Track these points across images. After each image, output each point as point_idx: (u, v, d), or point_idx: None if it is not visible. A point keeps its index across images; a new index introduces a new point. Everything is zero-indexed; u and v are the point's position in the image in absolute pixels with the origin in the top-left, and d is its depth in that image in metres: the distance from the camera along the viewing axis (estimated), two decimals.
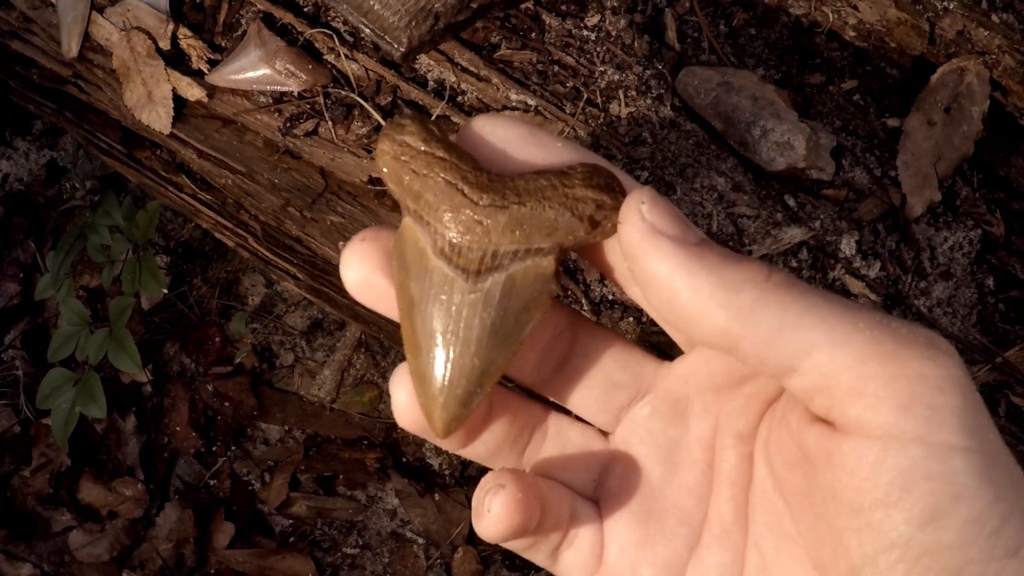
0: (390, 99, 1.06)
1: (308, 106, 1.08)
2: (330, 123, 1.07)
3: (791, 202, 1.06)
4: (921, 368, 0.53)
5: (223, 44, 1.11)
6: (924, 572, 0.54)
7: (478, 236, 0.57)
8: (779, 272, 0.56)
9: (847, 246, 1.07)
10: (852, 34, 1.11)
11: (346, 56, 1.06)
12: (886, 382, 0.53)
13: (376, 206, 1.07)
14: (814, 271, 1.05)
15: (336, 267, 1.13)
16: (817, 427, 0.56)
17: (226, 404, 2.28)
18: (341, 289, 1.15)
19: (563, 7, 1.09)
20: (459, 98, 1.05)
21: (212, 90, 1.10)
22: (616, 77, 1.07)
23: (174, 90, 1.10)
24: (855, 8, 1.10)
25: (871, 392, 0.53)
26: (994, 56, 1.11)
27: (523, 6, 1.07)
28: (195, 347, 2.31)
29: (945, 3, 1.11)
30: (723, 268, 0.55)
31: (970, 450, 0.53)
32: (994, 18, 1.11)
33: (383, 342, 2.21)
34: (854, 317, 0.54)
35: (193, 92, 1.10)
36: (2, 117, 2.43)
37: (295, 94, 1.08)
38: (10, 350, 2.40)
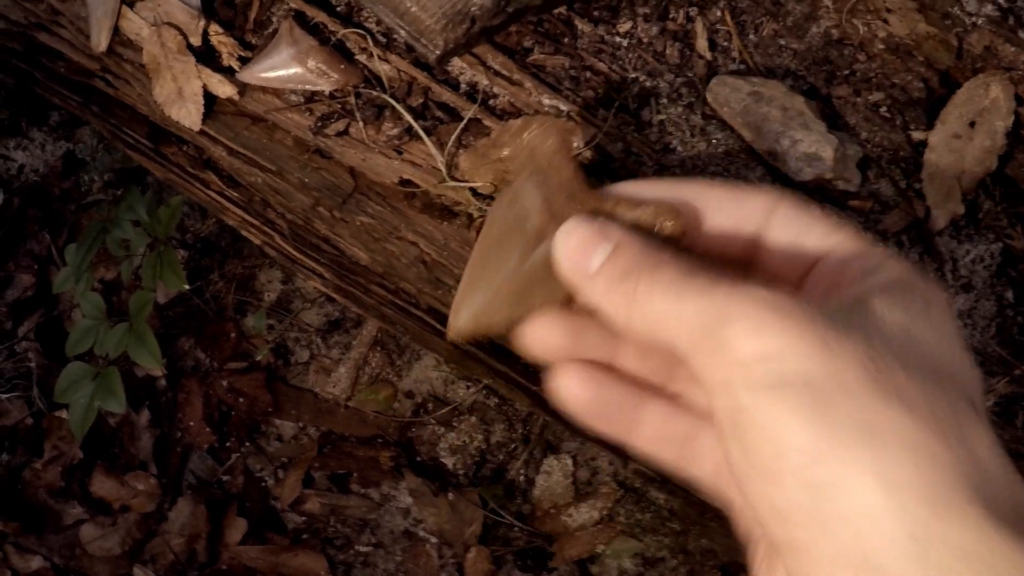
0: (422, 100, 1.06)
1: (339, 106, 1.08)
2: (361, 123, 1.07)
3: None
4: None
5: (254, 41, 1.11)
6: None
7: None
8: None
9: None
10: (881, 47, 1.11)
11: (379, 57, 1.06)
12: None
13: (406, 207, 1.08)
14: None
15: (363, 267, 1.14)
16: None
17: (241, 400, 2.28)
18: (367, 288, 1.16)
19: (596, 13, 1.09)
20: (491, 101, 1.05)
21: (243, 88, 1.10)
22: (648, 84, 1.07)
23: (204, 87, 1.10)
24: (885, 22, 1.10)
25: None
26: (1020, 72, 1.11)
27: (556, 11, 1.08)
28: (210, 342, 2.32)
29: (974, 19, 1.11)
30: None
31: None
32: (1021, 35, 1.11)
33: (399, 341, 2.22)
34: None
35: (224, 89, 1.10)
36: (19, 108, 2.44)
37: (326, 93, 1.08)
38: (23, 342, 2.40)
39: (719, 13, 1.10)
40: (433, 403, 2.27)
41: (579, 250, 0.62)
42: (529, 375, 1.15)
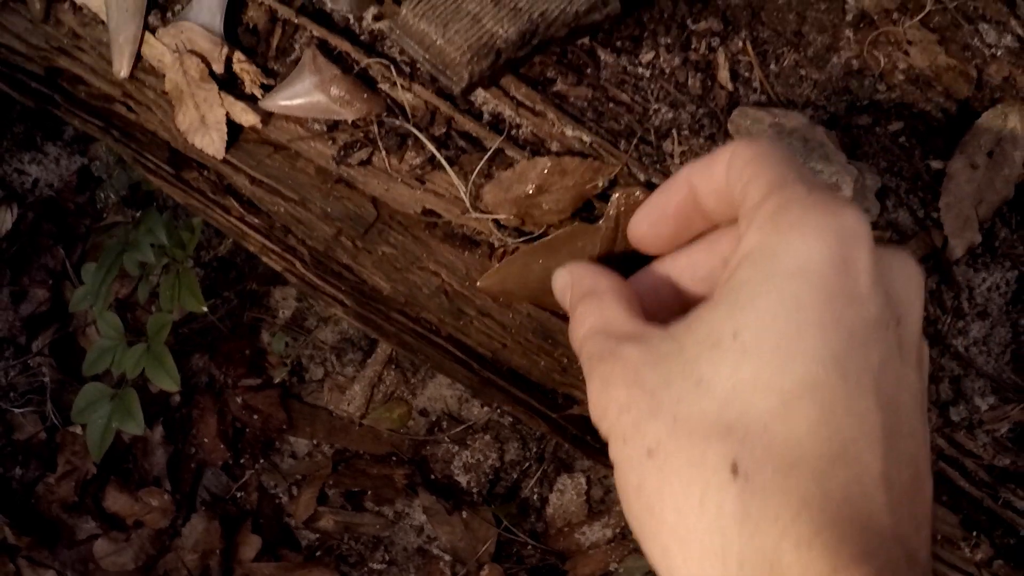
0: (444, 130, 1.06)
1: (362, 135, 1.08)
2: (384, 153, 1.07)
3: None
4: None
5: (276, 68, 1.12)
6: None
7: None
8: None
9: None
10: (901, 78, 1.11)
11: (402, 86, 1.07)
12: None
13: (428, 237, 1.08)
14: None
15: (385, 296, 1.14)
16: None
17: (255, 417, 2.29)
18: (389, 316, 1.16)
19: (619, 43, 1.10)
20: (514, 132, 1.06)
21: (266, 116, 1.10)
22: (670, 115, 1.07)
23: (228, 115, 1.11)
24: (906, 53, 1.11)
25: None
26: None
27: (579, 42, 1.08)
28: (224, 359, 2.32)
29: (993, 50, 1.11)
30: None
31: None
32: None
33: (414, 361, 2.22)
34: None
35: (247, 118, 1.10)
36: (34, 122, 2.45)
37: (349, 122, 1.09)
38: (37, 356, 2.41)
39: (741, 44, 1.11)
40: (447, 421, 2.28)
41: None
42: (548, 403, 1.15)
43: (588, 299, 0.78)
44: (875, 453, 0.58)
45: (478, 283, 1.05)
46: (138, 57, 1.14)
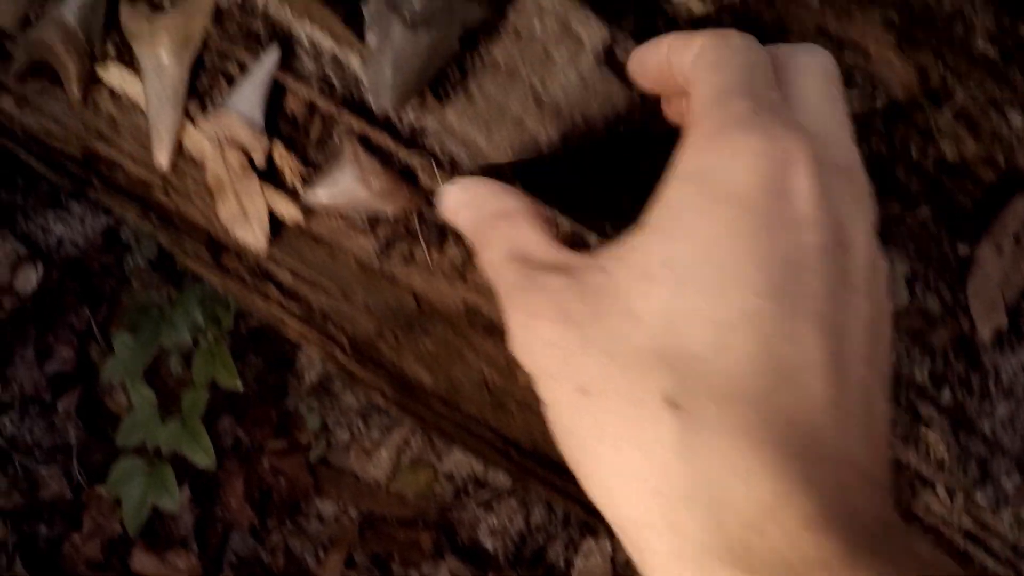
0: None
1: (403, 229, 1.09)
2: (425, 247, 1.08)
3: None
4: None
5: (316, 159, 1.12)
6: None
7: None
8: None
9: (920, 374, 1.09)
10: (930, 165, 1.12)
11: (443, 181, 1.08)
12: None
13: (469, 331, 1.09)
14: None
15: (427, 389, 1.15)
16: None
17: (282, 480, 2.30)
18: (429, 405, 1.17)
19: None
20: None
21: (308, 209, 1.11)
22: None
23: (269, 208, 1.12)
24: (936, 143, 1.12)
25: None
26: None
27: None
28: (252, 423, 2.33)
29: (1021, 137, 1.13)
30: None
31: None
32: None
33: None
34: None
35: (289, 211, 1.11)
36: (56, 182, 2.46)
37: (390, 216, 1.10)
38: (62, 415, 2.41)
39: None
40: (473, 485, 2.28)
41: None
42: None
43: (498, 222, 0.77)
44: (819, 379, 0.58)
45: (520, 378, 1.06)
46: (178, 147, 1.15)
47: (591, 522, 2.22)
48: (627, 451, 0.59)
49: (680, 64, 0.72)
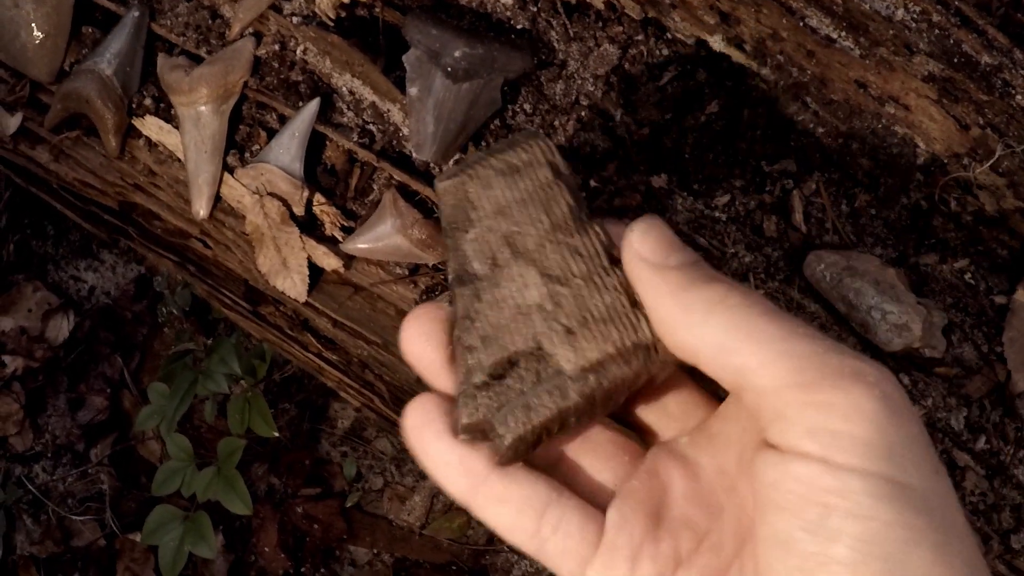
0: None
1: (443, 278, 1.10)
2: None
3: (906, 380, 1.08)
4: (830, 397, 0.55)
5: (355, 209, 1.13)
6: None
7: None
8: (738, 293, 0.59)
9: (956, 422, 1.09)
10: (969, 219, 1.13)
11: None
12: (799, 408, 0.56)
13: None
14: None
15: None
16: (762, 451, 0.59)
17: (315, 526, 2.30)
18: None
19: (695, 186, 1.11)
20: None
21: (347, 259, 1.12)
22: (747, 259, 1.09)
23: (309, 258, 1.12)
24: (975, 197, 1.12)
25: (786, 417, 0.56)
26: None
27: (656, 185, 1.09)
28: (285, 469, 2.33)
29: None
30: (687, 289, 0.60)
31: (874, 475, 0.54)
32: None
33: None
34: (792, 344, 0.57)
35: (329, 262, 1.11)
36: (86, 230, 2.47)
37: (430, 266, 1.10)
38: (96, 465, 2.42)
39: (814, 186, 1.12)
40: None
41: (660, 242, 0.62)
42: None
43: None
44: None
45: None
46: (217, 197, 1.15)
47: None
48: None
49: None
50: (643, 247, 0.61)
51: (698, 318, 0.59)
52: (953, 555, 0.54)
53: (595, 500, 0.67)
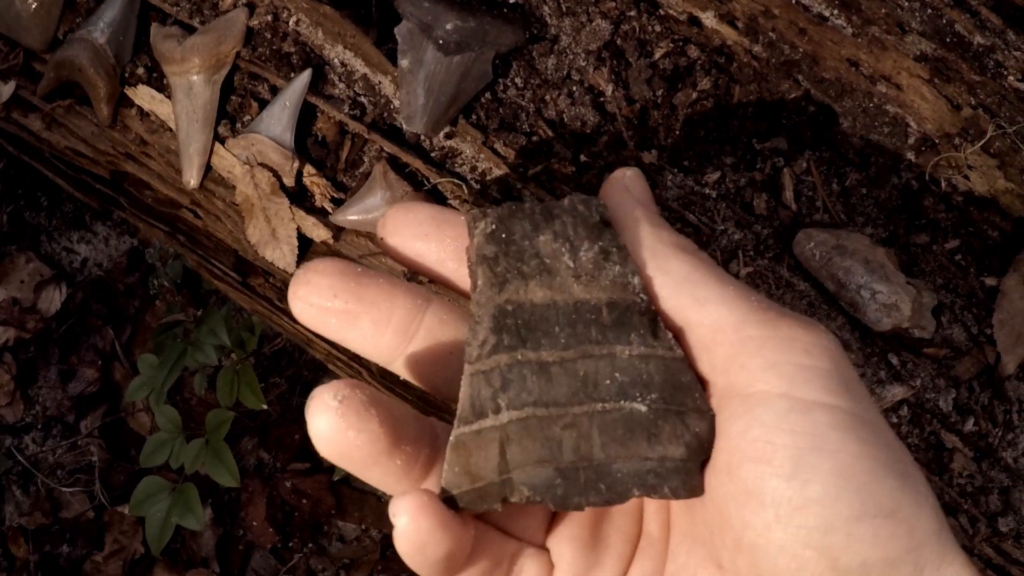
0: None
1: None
2: None
3: (894, 360, 1.08)
4: (792, 332, 0.56)
5: (345, 181, 1.13)
6: (797, 531, 0.55)
7: None
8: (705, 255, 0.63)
9: (944, 403, 1.09)
10: (959, 199, 1.12)
11: (474, 204, 1.08)
12: (760, 342, 0.57)
13: None
14: (912, 427, 1.07)
15: (450, 407, 1.15)
16: (724, 405, 0.60)
17: (304, 501, 2.30)
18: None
19: (685, 163, 1.11)
20: None
21: (337, 231, 1.12)
22: (736, 236, 1.09)
23: (299, 229, 1.12)
24: (966, 177, 1.12)
25: (747, 351, 0.57)
26: None
27: (647, 161, 1.09)
28: (274, 443, 2.33)
29: None
30: (664, 227, 0.65)
31: (835, 407, 0.55)
32: None
33: None
34: (749, 293, 0.60)
35: (318, 233, 1.11)
36: (83, 201, 2.47)
37: None
38: (85, 436, 2.42)
39: (805, 164, 1.12)
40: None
41: (646, 189, 0.67)
42: None
43: None
44: None
45: None
46: (208, 167, 1.15)
47: None
48: None
49: None
50: (634, 185, 0.66)
51: (670, 251, 0.62)
52: (915, 482, 0.55)
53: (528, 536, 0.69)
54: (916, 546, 0.55)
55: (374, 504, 2.29)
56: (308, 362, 2.32)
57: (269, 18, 1.12)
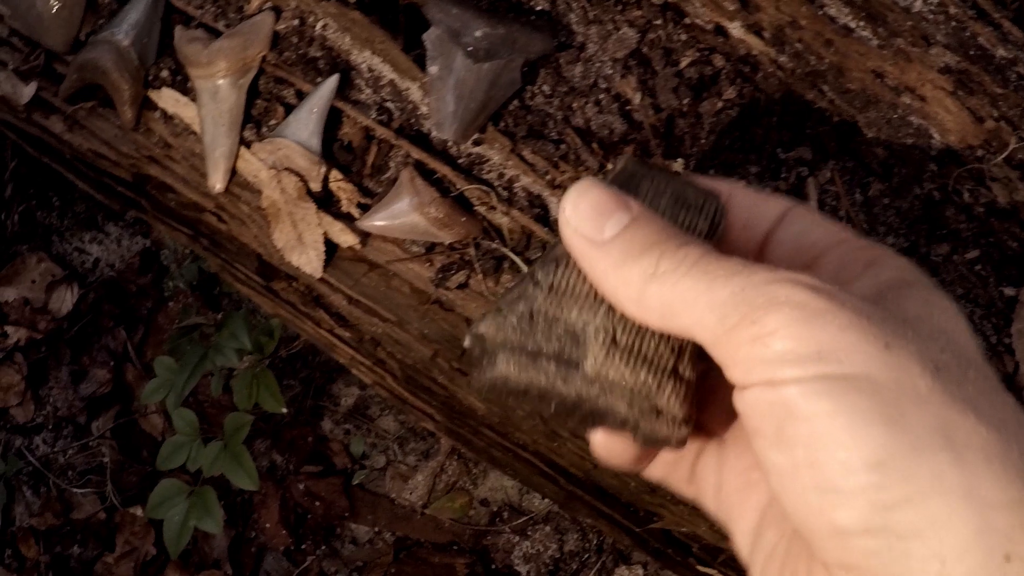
0: (539, 254, 1.08)
1: (458, 256, 1.10)
2: (480, 275, 1.09)
3: None
4: (755, 331, 0.54)
5: (371, 187, 1.13)
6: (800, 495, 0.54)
7: None
8: (668, 258, 0.58)
9: None
10: (981, 210, 1.13)
11: (500, 211, 1.08)
12: (735, 349, 0.55)
13: None
14: None
15: (478, 416, 1.16)
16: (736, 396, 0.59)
17: (317, 503, 2.30)
18: (478, 431, 1.18)
19: (711, 172, 1.12)
20: None
21: (364, 236, 1.12)
22: None
23: (325, 234, 1.13)
24: (988, 189, 1.12)
25: (733, 361, 0.56)
26: None
27: (673, 169, 1.10)
28: (288, 446, 2.34)
29: None
30: (623, 265, 0.59)
31: (805, 379, 0.53)
32: None
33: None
34: (712, 295, 0.56)
35: (345, 238, 1.12)
36: (95, 201, 2.47)
37: (446, 244, 1.10)
38: (97, 437, 2.42)
39: (829, 174, 1.12)
40: (508, 511, 2.28)
41: (593, 212, 0.60)
42: (632, 518, 1.17)
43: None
44: None
45: None
46: (233, 172, 1.15)
47: (624, 549, 2.23)
48: None
49: None
50: (576, 218, 0.60)
51: (635, 292, 0.58)
52: (911, 423, 0.51)
53: None
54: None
55: (387, 507, 2.30)
56: (322, 364, 2.33)
57: (296, 22, 1.13)
